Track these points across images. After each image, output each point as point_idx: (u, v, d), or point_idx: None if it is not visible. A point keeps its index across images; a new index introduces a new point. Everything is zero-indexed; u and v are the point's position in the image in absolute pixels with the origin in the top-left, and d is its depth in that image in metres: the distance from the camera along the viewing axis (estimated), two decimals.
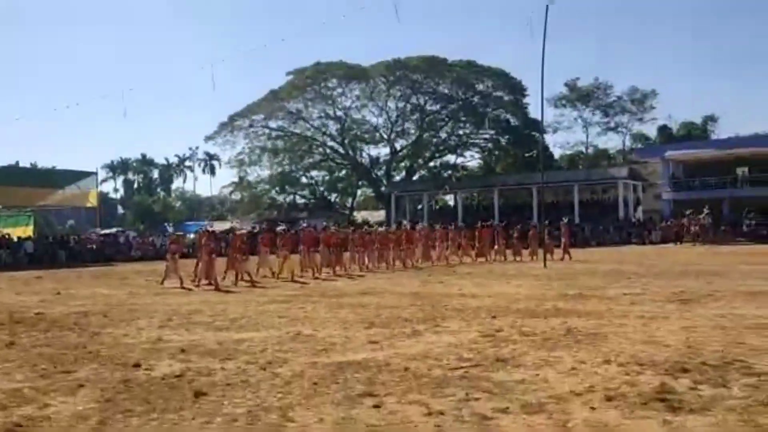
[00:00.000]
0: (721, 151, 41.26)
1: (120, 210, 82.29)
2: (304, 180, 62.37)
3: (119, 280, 15.21)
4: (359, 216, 60.93)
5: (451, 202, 57.84)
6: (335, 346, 7.59)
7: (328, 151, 59.54)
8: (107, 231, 39.42)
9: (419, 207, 53.88)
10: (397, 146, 59.10)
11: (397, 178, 59.06)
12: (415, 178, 58.31)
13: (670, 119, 62.36)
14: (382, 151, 60.35)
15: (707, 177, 40.79)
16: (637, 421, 4.48)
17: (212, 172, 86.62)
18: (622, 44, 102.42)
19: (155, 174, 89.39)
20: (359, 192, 66.80)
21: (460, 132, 58.60)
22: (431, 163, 60.42)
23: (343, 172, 61.78)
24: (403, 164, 60.13)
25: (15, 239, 32.81)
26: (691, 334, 7.70)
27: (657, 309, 10.05)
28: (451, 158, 60.63)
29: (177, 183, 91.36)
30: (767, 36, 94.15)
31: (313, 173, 62.03)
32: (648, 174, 49.00)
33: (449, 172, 58.49)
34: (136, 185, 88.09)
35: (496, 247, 25.84)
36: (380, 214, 58.73)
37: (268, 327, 9.27)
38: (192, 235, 29.60)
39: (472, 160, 61.61)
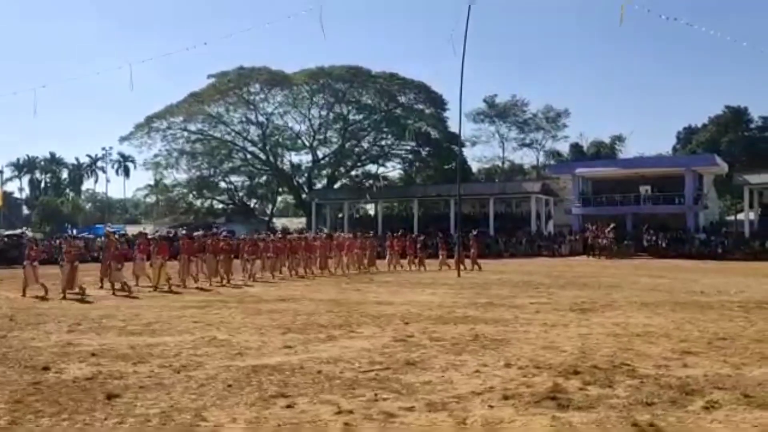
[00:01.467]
0: (626, 170, 43.63)
1: (25, 210, 78.22)
2: (222, 185, 61.34)
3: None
4: (279, 223, 60.48)
5: (372, 212, 58.41)
6: (250, 351, 7.72)
7: (248, 156, 58.85)
8: (11, 232, 37.50)
9: (340, 215, 54.09)
10: (319, 154, 59.24)
11: (319, 185, 59.06)
12: (336, 186, 58.50)
13: (582, 137, 65.55)
14: (304, 159, 60.37)
15: (613, 193, 43.05)
16: (528, 417, 4.89)
17: (126, 174, 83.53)
18: (539, 64, 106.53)
19: (64, 174, 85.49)
20: (279, 198, 66.43)
21: (382, 142, 59.34)
22: (353, 172, 60.81)
23: (264, 177, 61.20)
24: (324, 172, 60.19)
25: None
26: (586, 341, 8.30)
27: (559, 317, 10.68)
28: (372, 168, 61.28)
29: (88, 184, 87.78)
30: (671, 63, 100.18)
31: (233, 178, 61.15)
32: (559, 189, 51.17)
33: (370, 181, 59.04)
34: (43, 185, 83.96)
35: (408, 257, 26.38)
36: (301, 221, 58.56)
37: (183, 332, 9.27)
38: (102, 239, 28.62)
39: (393, 170, 62.54)
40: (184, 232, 25.34)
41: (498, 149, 65.02)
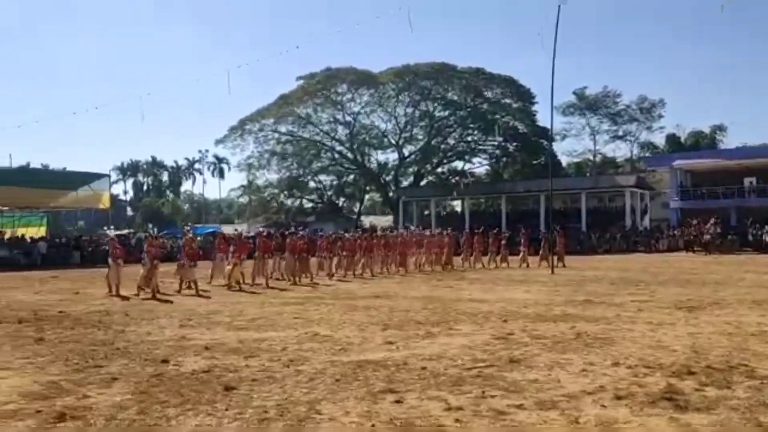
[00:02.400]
0: (729, 161, 41.39)
1: (129, 212, 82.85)
2: (312, 184, 62.68)
3: (133, 280, 15.52)
4: (367, 221, 61.21)
5: (459, 208, 58.09)
6: (353, 346, 7.89)
7: (336, 155, 59.87)
8: (119, 232, 39.84)
9: (426, 212, 54.13)
10: (406, 152, 59.40)
11: (405, 183, 59.30)
12: (422, 183, 58.53)
13: (679, 128, 62.54)
14: (391, 157, 60.68)
15: (715, 186, 40.92)
16: (645, 418, 4.75)
17: (221, 175, 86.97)
18: (632, 53, 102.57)
19: (165, 176, 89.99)
20: (367, 197, 67.15)
21: (469, 138, 58.84)
22: (439, 169, 60.65)
23: (351, 176, 62.07)
24: (411, 169, 60.37)
25: (29, 240, 33.27)
26: (697, 340, 7.96)
27: (664, 315, 10.29)
28: (459, 164, 60.88)
29: (186, 186, 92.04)
30: None
31: (321, 177, 62.35)
32: (655, 183, 49.13)
33: (457, 178, 58.73)
34: (145, 187, 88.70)
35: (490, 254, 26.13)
36: (388, 219, 59.04)
37: (286, 327, 9.58)
38: (199, 238, 29.83)
39: (480, 166, 61.88)
40: (260, 230, 26.02)
41: (589, 142, 62.98)
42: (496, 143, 58.08)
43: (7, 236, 33.48)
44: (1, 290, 16.97)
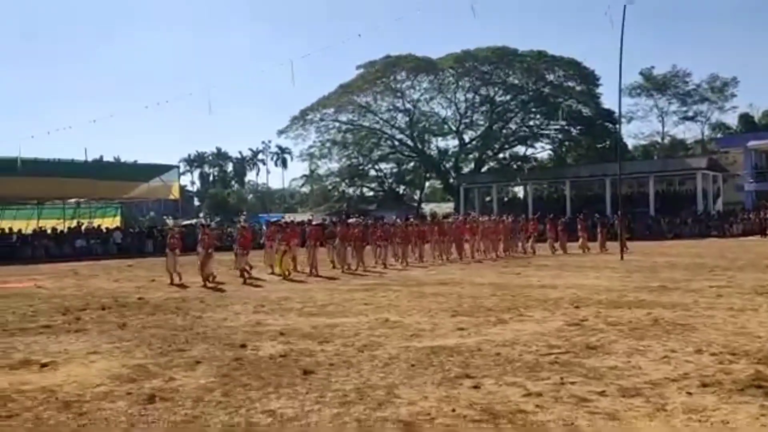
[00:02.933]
0: None
1: (196, 202, 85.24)
2: (372, 173, 62.91)
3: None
4: (428, 208, 61.07)
5: (521, 194, 57.28)
6: (425, 332, 7.92)
7: (396, 143, 59.89)
8: (187, 222, 41.06)
9: (488, 199, 53.61)
10: (466, 138, 58.87)
11: (466, 169, 58.80)
12: (484, 169, 57.91)
13: (752, 108, 59.77)
14: (451, 143, 60.25)
15: None
16: (734, 405, 4.59)
17: (284, 165, 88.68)
18: (701, 31, 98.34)
19: (230, 167, 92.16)
20: (427, 184, 66.90)
21: (531, 123, 57.80)
22: (500, 155, 59.86)
23: (412, 164, 61.98)
24: (471, 156, 59.82)
25: (104, 230, 34.72)
26: None
27: (745, 301, 9.91)
28: (520, 149, 59.97)
29: (250, 176, 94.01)
30: None
31: (382, 166, 62.48)
32: (728, 164, 47.16)
33: (519, 163, 57.87)
34: (211, 178, 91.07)
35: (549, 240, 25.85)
36: (449, 206, 58.72)
37: (357, 313, 9.70)
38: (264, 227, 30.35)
39: (542, 151, 60.74)
40: (309, 218, 26.26)
41: (657, 124, 60.93)
42: (559, 127, 56.91)
43: (84, 227, 35.01)
44: (83, 278, 17.80)
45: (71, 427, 4.42)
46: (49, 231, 33.36)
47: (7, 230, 32.23)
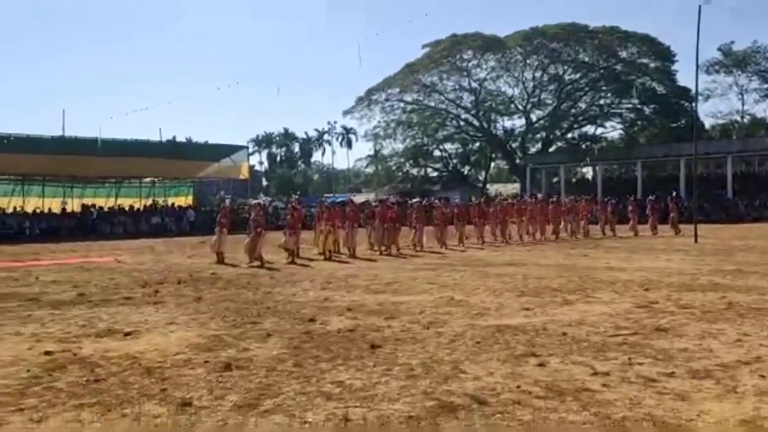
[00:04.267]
0: None
1: (264, 182, 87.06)
2: (437, 153, 62.67)
3: (272, 246, 16.45)
4: (493, 189, 60.48)
5: (590, 175, 55.93)
6: (490, 311, 7.95)
7: (461, 123, 59.41)
8: (255, 201, 42.07)
9: (555, 179, 52.63)
10: (533, 117, 57.80)
11: (533, 150, 57.82)
12: (551, 149, 56.80)
13: None
14: (518, 123, 59.34)
15: None
16: None
17: (349, 145, 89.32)
18: None
19: (296, 148, 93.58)
20: (493, 165, 66.21)
21: (601, 102, 56.14)
22: (569, 135, 58.50)
23: (477, 144, 61.43)
24: (539, 136, 58.76)
25: (178, 208, 36.03)
26: None
27: None
28: (590, 129, 58.43)
29: (316, 156, 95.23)
30: None
31: (447, 146, 62.15)
32: None
33: (588, 143, 56.41)
34: (278, 158, 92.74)
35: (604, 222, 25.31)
36: (515, 187, 57.97)
37: (421, 292, 9.81)
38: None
39: (612, 131, 58.99)
40: (349, 197, 26.35)
41: (736, 102, 58.15)
42: (631, 106, 55.09)
43: (159, 205, 36.42)
44: (159, 254, 18.61)
45: (155, 390, 4.70)
46: (126, 209, 34.91)
47: (90, 206, 33.84)
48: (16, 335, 6.80)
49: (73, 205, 34.14)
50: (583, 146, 55.31)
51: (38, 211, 32.19)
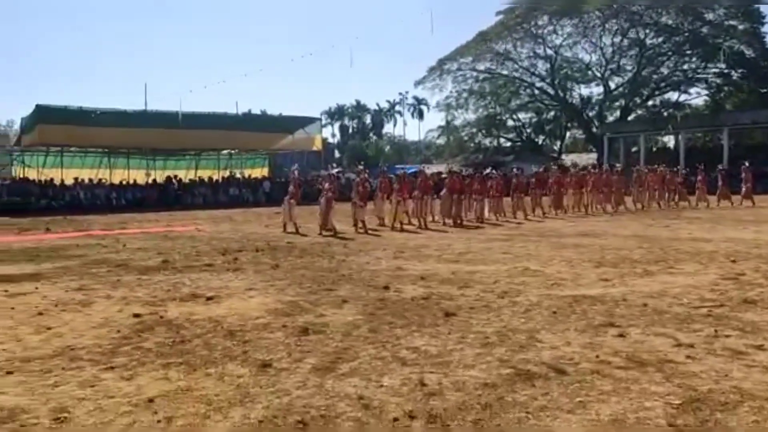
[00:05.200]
0: None
1: (336, 154, 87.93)
2: (510, 123, 61.49)
3: (342, 216, 16.66)
4: (568, 159, 58.92)
5: (671, 144, 53.62)
6: (566, 282, 7.81)
7: (536, 92, 57.91)
8: (331, 172, 42.51)
9: (634, 149, 50.73)
10: (612, 84, 55.68)
11: (611, 118, 55.79)
12: (630, 118, 54.62)
13: None
14: (595, 91, 57.27)
15: None
16: None
17: (420, 116, 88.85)
18: None
19: (368, 119, 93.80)
20: (568, 134, 64.45)
21: (685, 66, 53.39)
22: (649, 102, 56.09)
23: (552, 113, 59.86)
24: (617, 104, 56.62)
25: (254, 179, 36.93)
26: None
27: None
28: (672, 96, 55.78)
29: (387, 128, 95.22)
30: None
31: (520, 115, 60.85)
32: None
33: (670, 110, 53.92)
34: (350, 130, 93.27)
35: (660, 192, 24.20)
36: (591, 157, 56.26)
37: (495, 262, 9.72)
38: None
39: (697, 97, 56.13)
40: (421, 168, 26.03)
41: None
42: (717, 71, 52.17)
43: (236, 176, 37.41)
44: (237, 224, 19.18)
45: (237, 352, 4.88)
46: (206, 180, 36.05)
47: (172, 178, 35.13)
48: (106, 299, 7.18)
49: (156, 176, 35.50)
50: (665, 114, 52.94)
51: (124, 182, 33.65)
